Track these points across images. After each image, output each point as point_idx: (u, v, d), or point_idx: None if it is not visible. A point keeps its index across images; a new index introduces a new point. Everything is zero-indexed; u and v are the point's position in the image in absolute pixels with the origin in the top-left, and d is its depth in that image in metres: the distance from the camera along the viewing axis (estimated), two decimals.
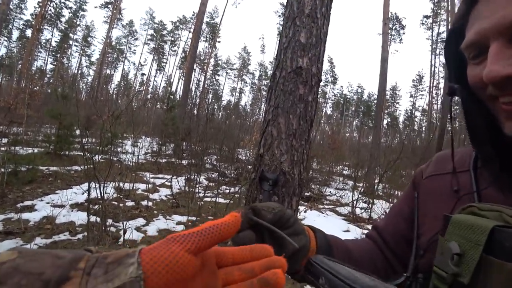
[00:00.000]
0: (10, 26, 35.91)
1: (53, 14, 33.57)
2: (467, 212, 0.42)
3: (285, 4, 2.24)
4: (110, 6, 33.34)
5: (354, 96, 54.04)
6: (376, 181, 8.27)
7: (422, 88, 45.85)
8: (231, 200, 4.74)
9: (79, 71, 41.00)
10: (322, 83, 2.16)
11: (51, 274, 0.22)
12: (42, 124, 9.58)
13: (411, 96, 47.90)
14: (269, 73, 51.35)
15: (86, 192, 4.35)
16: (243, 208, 0.38)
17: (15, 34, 37.58)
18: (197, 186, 5.55)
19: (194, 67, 13.27)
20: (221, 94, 49.99)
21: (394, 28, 29.16)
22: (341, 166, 11.94)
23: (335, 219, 5.59)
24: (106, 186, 3.33)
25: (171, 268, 0.24)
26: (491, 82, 0.38)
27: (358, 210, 6.19)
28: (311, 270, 0.39)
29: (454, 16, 0.48)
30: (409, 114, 48.81)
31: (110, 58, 42.77)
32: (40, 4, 24.11)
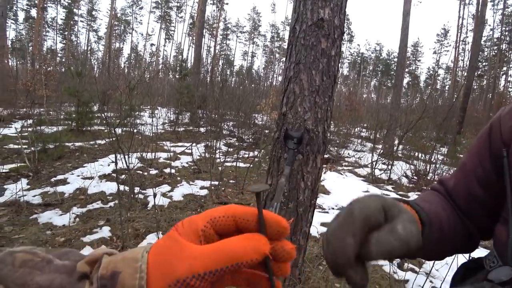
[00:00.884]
0: (15, 8, 35.71)
1: None
2: None
3: None
4: None
5: (372, 54, 51.21)
6: (395, 142, 8.07)
7: (447, 43, 42.55)
8: (251, 164, 4.81)
9: (89, 47, 40.94)
10: None
11: None
12: (62, 102, 9.84)
13: (435, 52, 44.71)
14: (281, 34, 49.09)
15: (112, 163, 4.54)
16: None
17: (21, 15, 37.48)
18: (216, 152, 5.64)
19: (204, 33, 12.84)
20: (233, 59, 48.81)
21: None
22: (358, 128, 11.69)
23: (355, 180, 5.59)
24: (130, 156, 3.43)
25: None
26: None
27: (377, 171, 6.14)
28: None
29: None
30: (431, 72, 45.95)
31: (117, 31, 42.16)
32: None
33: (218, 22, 42.09)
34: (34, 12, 33.09)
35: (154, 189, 3.39)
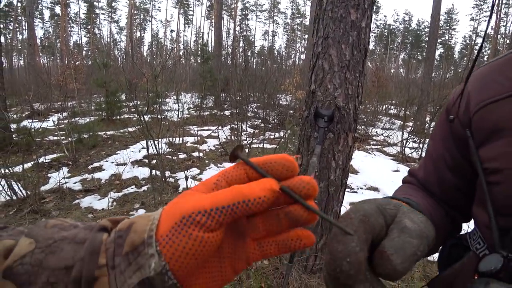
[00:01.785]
0: (40, 7, 37.10)
1: None
2: None
3: None
4: None
5: (401, 25, 47.85)
6: (427, 119, 7.59)
7: (487, 7, 38.49)
8: (278, 145, 4.77)
9: (112, 39, 41.94)
10: None
11: (78, 272, 0.21)
12: (91, 94, 10.25)
13: (472, 19, 40.86)
14: (302, 9, 47.17)
15: (142, 149, 4.70)
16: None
17: (46, 13, 38.92)
18: (242, 134, 5.65)
19: (222, 15, 12.61)
20: (253, 39, 47.94)
21: None
22: (387, 105, 11.16)
23: (384, 159, 5.39)
24: (159, 142, 3.53)
25: (198, 255, 0.22)
26: None
27: (407, 150, 5.87)
28: None
29: None
30: (468, 41, 42.15)
31: (137, 20, 42.69)
32: None
33: (236, 3, 41.18)
34: (58, 9, 34.31)
35: (185, 172, 3.48)
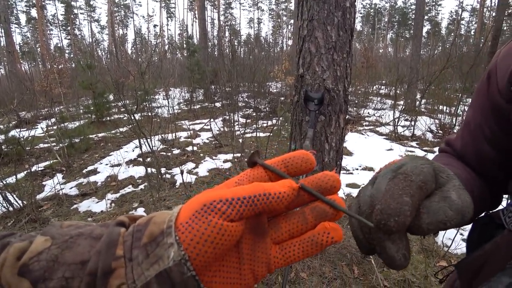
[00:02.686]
0: (15, 12, 35.83)
1: None
2: None
3: None
4: None
5: (387, 4, 47.31)
6: (418, 96, 7.62)
7: None
8: (271, 132, 4.77)
9: (94, 39, 40.89)
10: None
11: (94, 264, 0.21)
12: (78, 97, 10.06)
13: None
14: None
15: (136, 148, 4.67)
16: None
17: (23, 18, 37.64)
18: (235, 124, 5.63)
19: (205, 5, 12.34)
20: (239, 28, 47.19)
21: None
22: (377, 86, 11.18)
23: (377, 139, 5.42)
24: (152, 139, 3.50)
25: (217, 243, 0.22)
26: None
27: (400, 128, 5.92)
28: None
29: None
30: (454, 16, 41.94)
31: (118, 17, 41.60)
32: None
33: None
34: (34, 12, 33.13)
35: (180, 167, 3.47)
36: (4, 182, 3.05)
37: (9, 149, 4.46)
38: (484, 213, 0.52)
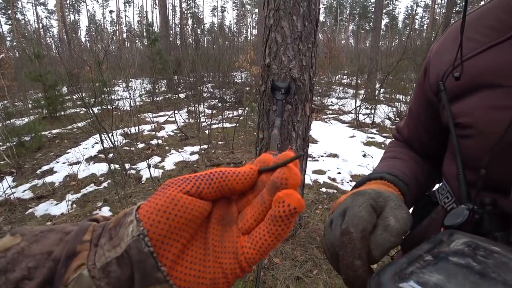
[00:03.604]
0: None
1: None
2: None
3: None
4: None
5: None
6: (377, 86, 8.04)
7: None
8: (237, 123, 4.76)
9: (40, 25, 37.27)
10: None
11: (60, 251, 0.21)
12: (25, 90, 9.19)
13: None
14: None
15: (96, 144, 4.41)
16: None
17: None
18: (200, 116, 5.53)
19: None
20: (202, 16, 45.77)
21: None
22: (339, 75, 11.57)
23: (340, 127, 5.66)
24: (113, 134, 3.32)
25: (170, 213, 0.21)
26: None
27: (361, 116, 6.23)
28: None
29: None
30: (409, 11, 44.44)
31: (69, 1, 38.24)
32: None
33: None
34: None
35: (147, 161, 3.35)
36: None
37: None
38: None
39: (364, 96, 7.60)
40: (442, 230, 0.36)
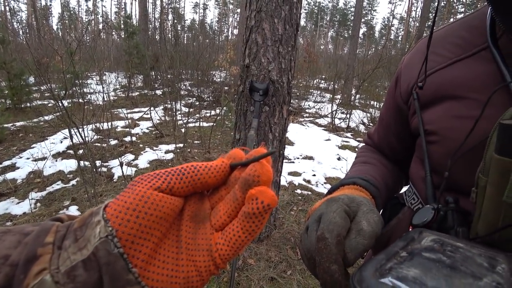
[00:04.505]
0: None
1: None
2: None
3: None
4: None
5: (329, 4, 50.03)
6: (353, 92, 8.31)
7: None
8: (214, 122, 4.72)
9: (7, 8, 34.83)
10: None
11: (18, 255, 0.19)
12: None
13: (390, 2, 44.99)
14: None
15: (65, 139, 4.20)
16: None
17: None
18: (177, 114, 5.43)
19: None
20: (183, 12, 44.92)
21: None
22: (317, 80, 11.81)
23: (316, 130, 5.79)
24: (84, 129, 3.17)
25: (140, 211, 0.20)
26: None
27: (337, 121, 6.41)
28: None
29: None
30: (386, 22, 46.55)
31: None
32: None
33: None
34: None
35: (119, 159, 3.23)
36: None
37: None
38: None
39: (340, 101, 7.82)
40: (410, 229, 0.40)
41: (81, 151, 3.78)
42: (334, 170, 3.77)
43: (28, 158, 3.71)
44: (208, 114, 6.19)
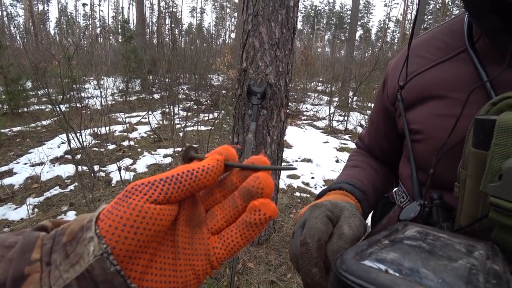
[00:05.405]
0: None
1: None
2: (503, 106, 0.32)
3: None
4: None
5: (326, 7, 50.46)
6: (350, 94, 8.35)
7: None
8: (213, 126, 4.72)
9: (4, 13, 34.83)
10: None
11: (3, 273, 0.18)
12: None
13: (386, 5, 45.31)
14: None
15: (62, 144, 4.18)
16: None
17: None
18: (175, 117, 5.43)
19: None
20: (180, 16, 45.08)
21: None
22: (315, 82, 11.86)
23: (314, 133, 5.80)
24: (82, 134, 3.16)
25: (138, 227, 0.20)
26: None
27: (334, 123, 6.44)
28: None
29: None
30: (382, 25, 47.00)
31: None
32: None
33: None
34: None
35: (117, 163, 3.22)
36: None
37: None
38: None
39: (338, 103, 7.84)
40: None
41: (79, 156, 3.76)
42: (332, 172, 3.77)
43: (25, 163, 3.69)
44: (206, 118, 6.19)
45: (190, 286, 0.23)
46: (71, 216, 2.59)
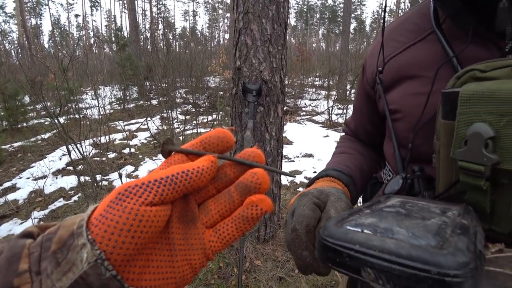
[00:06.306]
0: None
1: None
2: (466, 79, 0.34)
3: None
4: None
5: (318, 2, 50.31)
6: (348, 87, 8.32)
7: None
8: (212, 127, 4.72)
9: None
10: None
11: None
12: None
13: None
14: None
15: (63, 156, 4.20)
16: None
17: None
18: (173, 122, 5.43)
19: None
20: (173, 21, 45.10)
21: None
22: (312, 78, 11.84)
23: (314, 127, 5.79)
24: (82, 144, 3.17)
25: (135, 231, 0.19)
26: None
27: (333, 117, 6.43)
28: (337, 259, 0.23)
29: None
30: (376, 16, 46.78)
31: (29, 4, 36.23)
32: None
33: None
34: None
35: (119, 171, 3.23)
36: None
37: None
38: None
39: (336, 97, 7.82)
40: None
41: (80, 167, 3.77)
42: None
43: (28, 178, 3.71)
44: (205, 120, 6.19)
45: (187, 279, 0.24)
46: None
